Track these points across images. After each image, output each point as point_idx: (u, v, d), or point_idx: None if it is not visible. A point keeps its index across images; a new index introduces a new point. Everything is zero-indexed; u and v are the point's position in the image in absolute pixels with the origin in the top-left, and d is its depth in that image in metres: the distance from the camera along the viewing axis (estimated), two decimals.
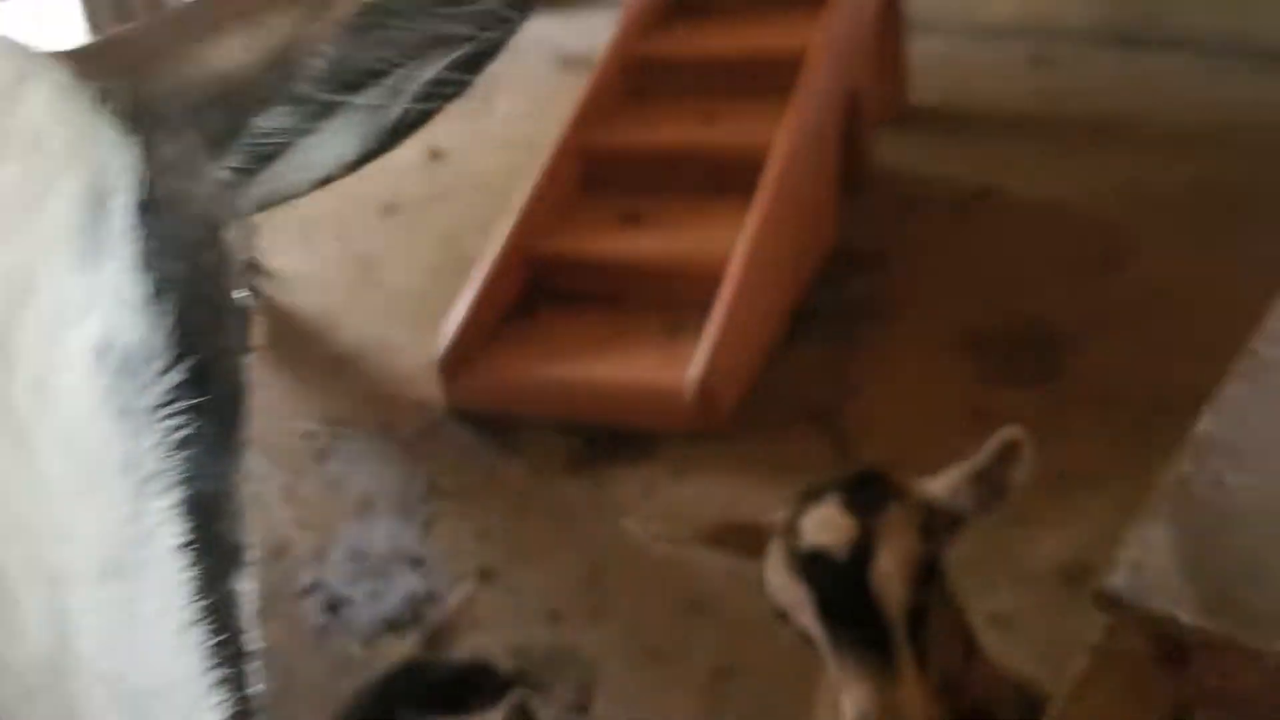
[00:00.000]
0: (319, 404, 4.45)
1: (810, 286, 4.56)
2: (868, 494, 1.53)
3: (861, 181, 5.24)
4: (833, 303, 4.52)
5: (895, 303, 4.46)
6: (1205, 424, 1.40)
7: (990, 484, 1.57)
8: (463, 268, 5.14)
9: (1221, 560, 1.19)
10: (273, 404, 4.48)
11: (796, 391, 4.03)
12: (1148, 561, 1.17)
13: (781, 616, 1.51)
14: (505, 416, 4.13)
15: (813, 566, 1.44)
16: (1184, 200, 4.79)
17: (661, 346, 4.07)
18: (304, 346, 4.86)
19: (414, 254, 5.49)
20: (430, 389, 4.31)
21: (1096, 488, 3.41)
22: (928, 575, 1.48)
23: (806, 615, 1.44)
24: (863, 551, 1.43)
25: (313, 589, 3.51)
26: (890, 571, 1.43)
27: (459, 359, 4.15)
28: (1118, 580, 1.18)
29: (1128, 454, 3.51)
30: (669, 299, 4.26)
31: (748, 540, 1.58)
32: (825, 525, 1.47)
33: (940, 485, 1.59)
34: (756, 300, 4.00)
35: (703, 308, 3.99)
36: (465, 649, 3.22)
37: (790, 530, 1.50)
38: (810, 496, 1.55)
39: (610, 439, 3.92)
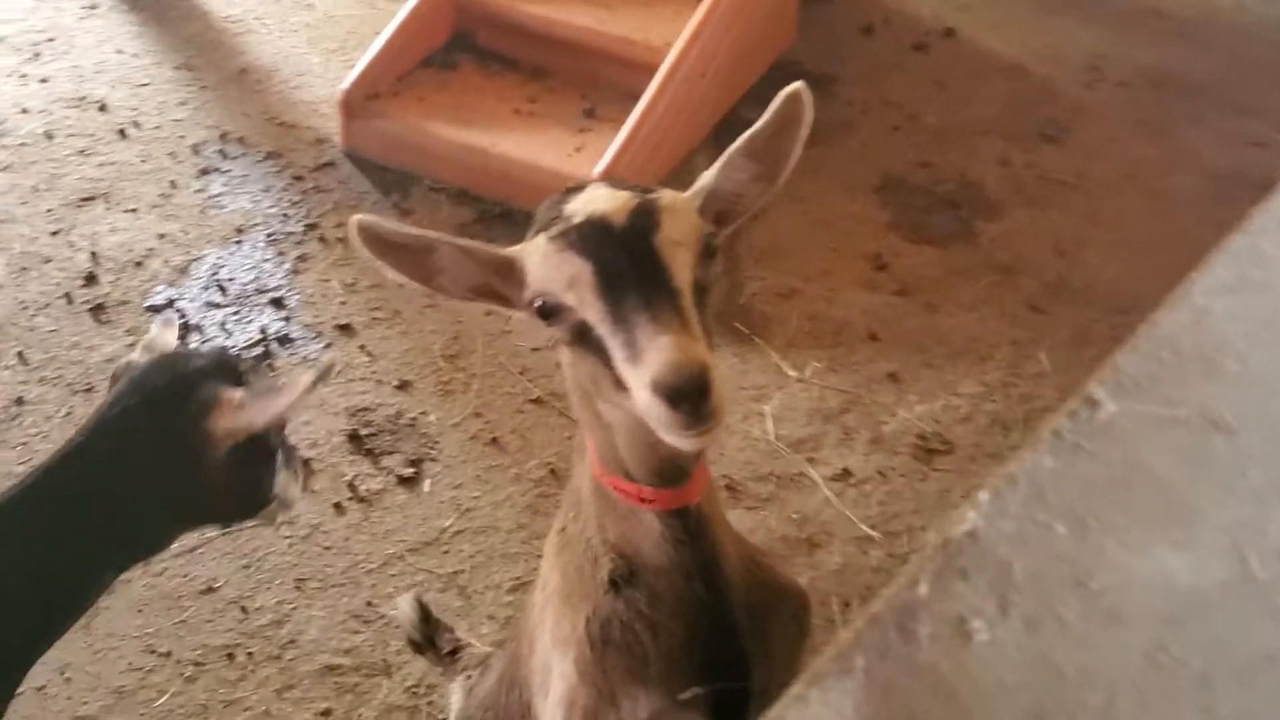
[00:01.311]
0: (215, 115, 4.21)
1: (745, 96, 4.36)
2: (633, 185, 1.38)
3: None
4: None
5: (828, 130, 4.28)
6: (973, 520, 0.88)
7: (767, 157, 1.39)
8: (397, 3, 4.85)
9: None
10: (165, 105, 4.24)
11: None
12: None
13: (550, 314, 1.32)
14: (402, 171, 3.95)
15: (590, 238, 1.27)
16: (1141, 85, 4.62)
17: (574, 130, 3.88)
18: (213, 51, 4.57)
19: None
20: (332, 125, 4.10)
21: (975, 362, 3.37)
22: (709, 252, 1.33)
23: (585, 292, 1.26)
24: (646, 218, 1.28)
25: (163, 308, 3.37)
26: (676, 239, 1.28)
27: (363, 98, 3.92)
28: None
29: (1015, 334, 3.47)
30: (593, 80, 4.04)
31: (496, 263, 1.38)
32: (600, 199, 1.31)
33: (713, 170, 1.42)
34: (684, 100, 3.80)
35: (626, 96, 3.79)
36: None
37: (555, 219, 1.33)
38: (565, 192, 1.38)
39: (502, 217, 3.77)
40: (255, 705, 2.51)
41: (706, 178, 1.42)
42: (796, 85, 1.36)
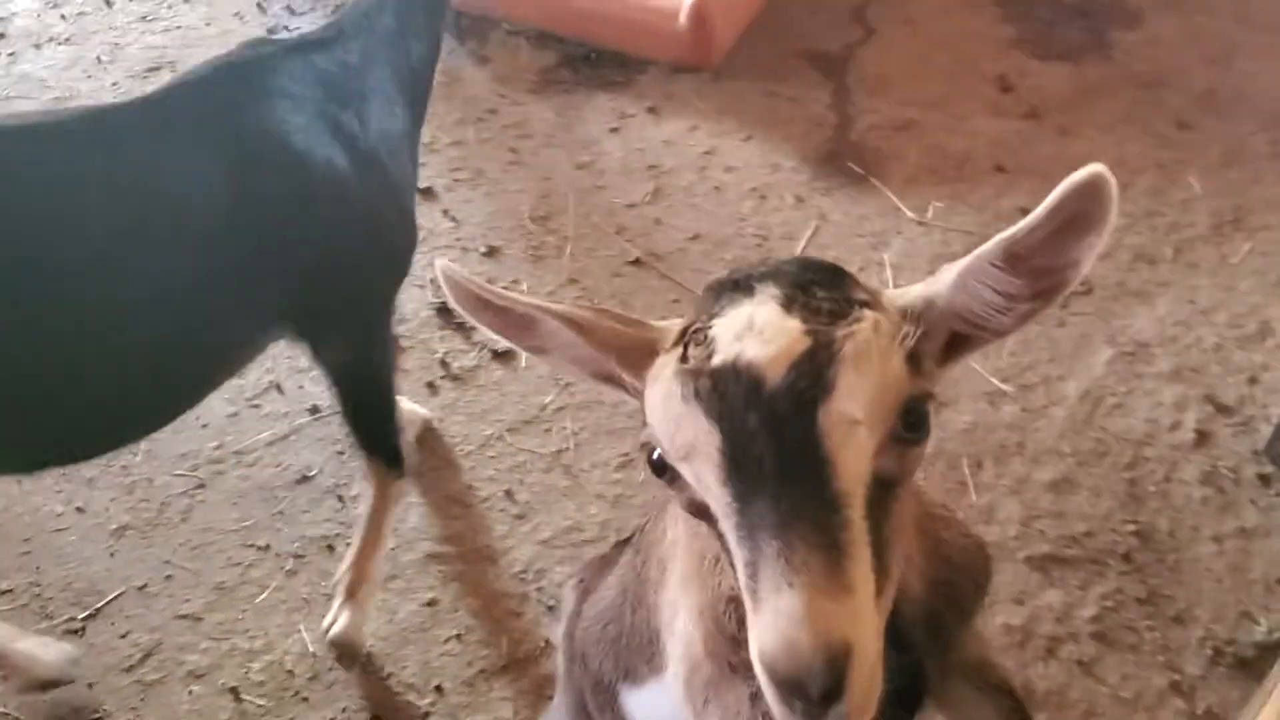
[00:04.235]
0: None
1: None
2: (822, 290, 0.93)
3: None
4: None
5: None
6: None
7: (1037, 263, 0.92)
8: None
9: None
10: None
11: (804, 29, 3.55)
12: None
13: (662, 470, 0.95)
14: (477, 14, 3.67)
15: (725, 395, 0.87)
16: None
17: None
18: None
19: None
20: None
21: (1119, 190, 3.03)
22: (912, 427, 0.91)
23: (704, 469, 0.89)
24: (812, 377, 0.86)
25: None
26: (853, 414, 0.86)
27: None
28: None
29: (1160, 156, 3.13)
30: None
31: (635, 347, 1.00)
32: (755, 331, 0.89)
33: (946, 279, 0.96)
34: None
35: None
36: None
37: (697, 335, 0.93)
38: (730, 287, 0.96)
39: (587, 60, 3.49)
40: None
41: (934, 289, 0.97)
42: (1096, 170, 0.88)
